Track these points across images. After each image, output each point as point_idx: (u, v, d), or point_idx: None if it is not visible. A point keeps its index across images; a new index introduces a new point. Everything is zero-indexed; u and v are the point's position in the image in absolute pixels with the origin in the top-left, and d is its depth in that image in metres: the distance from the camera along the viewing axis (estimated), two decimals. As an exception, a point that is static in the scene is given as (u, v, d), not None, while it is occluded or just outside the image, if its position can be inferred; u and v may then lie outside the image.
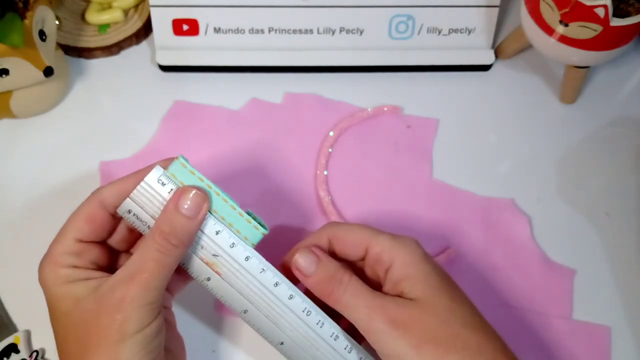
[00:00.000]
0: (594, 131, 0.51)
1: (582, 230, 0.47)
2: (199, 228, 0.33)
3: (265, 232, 0.35)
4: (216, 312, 0.43)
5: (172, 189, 0.33)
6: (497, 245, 0.46)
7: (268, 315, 0.34)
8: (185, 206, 0.32)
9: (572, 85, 0.51)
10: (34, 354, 0.41)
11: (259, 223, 0.35)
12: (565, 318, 0.43)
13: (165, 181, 0.33)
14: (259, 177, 0.47)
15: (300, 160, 0.49)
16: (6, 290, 0.43)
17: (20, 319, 0.42)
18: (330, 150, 0.49)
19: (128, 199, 0.33)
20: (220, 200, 0.34)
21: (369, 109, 0.51)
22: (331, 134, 0.49)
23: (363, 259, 0.36)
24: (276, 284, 0.34)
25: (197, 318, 0.43)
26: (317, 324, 0.35)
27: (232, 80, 0.52)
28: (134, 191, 0.33)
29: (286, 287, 0.34)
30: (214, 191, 0.34)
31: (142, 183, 0.33)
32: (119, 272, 0.32)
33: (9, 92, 0.47)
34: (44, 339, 0.42)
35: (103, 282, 0.32)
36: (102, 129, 0.50)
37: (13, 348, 0.41)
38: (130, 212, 0.33)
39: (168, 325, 0.36)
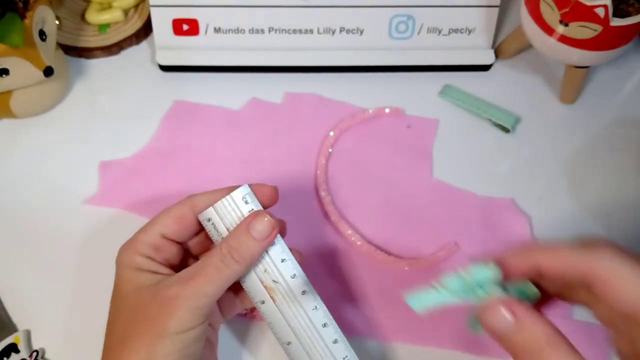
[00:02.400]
0: (594, 131, 0.51)
1: (582, 230, 0.47)
2: (262, 251, 0.34)
3: None
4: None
5: (252, 209, 0.35)
6: (497, 245, 0.46)
7: (309, 353, 0.35)
8: (256, 229, 0.33)
9: (572, 85, 0.51)
10: (34, 354, 0.41)
11: None
12: (565, 318, 0.43)
13: (249, 200, 0.35)
14: (259, 178, 0.47)
15: (300, 160, 0.49)
16: (6, 290, 0.43)
17: (20, 319, 0.42)
18: (330, 150, 0.49)
19: (211, 207, 0.35)
20: None
21: (370, 110, 0.51)
22: (331, 134, 0.49)
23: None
24: (324, 325, 0.35)
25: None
26: None
27: (232, 80, 0.52)
28: (218, 202, 0.35)
29: (333, 330, 0.35)
30: None
31: (227, 197, 0.35)
32: (181, 272, 0.34)
33: (9, 92, 0.47)
34: (44, 339, 0.42)
35: (165, 278, 0.33)
36: (102, 129, 0.50)
37: (13, 348, 0.41)
38: (209, 221, 0.35)
39: (210, 346, 0.37)
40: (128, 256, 0.35)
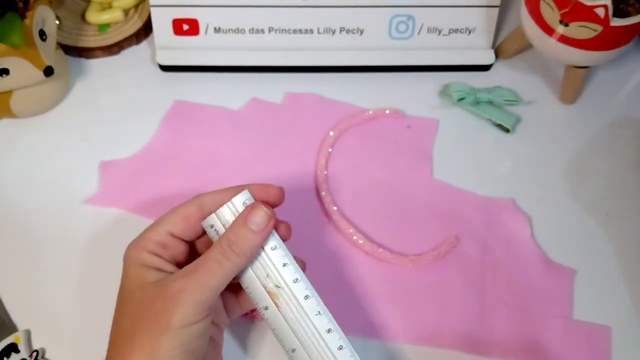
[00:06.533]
0: (594, 131, 0.51)
1: (582, 230, 0.47)
2: (262, 243, 0.34)
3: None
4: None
5: None
6: (497, 245, 0.46)
7: None
8: (253, 221, 0.34)
9: (572, 85, 0.51)
10: (34, 354, 0.41)
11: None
12: (565, 318, 0.43)
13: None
14: (259, 177, 0.47)
15: (300, 160, 0.49)
16: (6, 290, 0.43)
17: (20, 319, 0.42)
18: (330, 150, 0.49)
19: (213, 214, 0.35)
20: None
21: (370, 111, 0.51)
22: (331, 134, 0.49)
23: None
24: (329, 331, 0.34)
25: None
26: None
27: (232, 80, 0.52)
28: (219, 209, 0.35)
29: (338, 336, 0.34)
30: None
31: (228, 203, 0.35)
32: (184, 268, 0.34)
33: (9, 92, 0.47)
34: (44, 339, 0.42)
35: (170, 275, 0.34)
36: (102, 129, 0.50)
37: (13, 348, 0.41)
38: (212, 227, 0.35)
39: (215, 345, 0.37)
40: (135, 253, 0.35)
